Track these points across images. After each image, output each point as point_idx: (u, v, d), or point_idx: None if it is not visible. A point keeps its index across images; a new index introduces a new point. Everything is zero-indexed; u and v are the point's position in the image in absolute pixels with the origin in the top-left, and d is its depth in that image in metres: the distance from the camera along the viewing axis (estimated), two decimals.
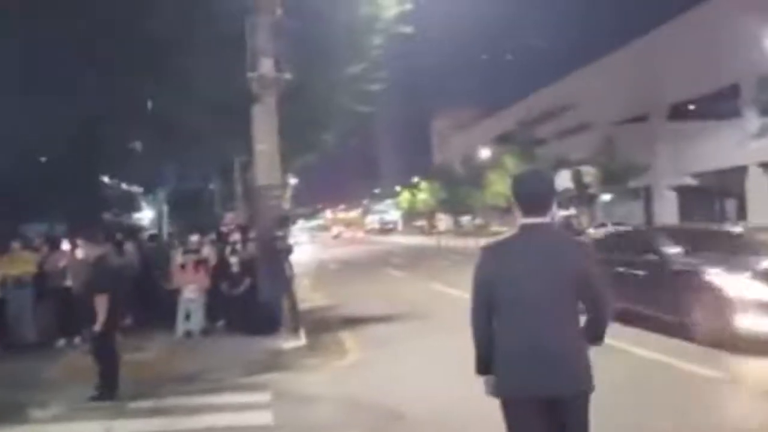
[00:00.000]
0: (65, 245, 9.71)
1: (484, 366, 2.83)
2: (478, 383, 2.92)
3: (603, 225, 33.93)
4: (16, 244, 9.03)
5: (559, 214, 41.91)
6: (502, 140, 56.88)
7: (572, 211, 44.21)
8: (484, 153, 56.15)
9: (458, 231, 58.15)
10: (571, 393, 2.69)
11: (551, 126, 52.74)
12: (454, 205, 64.19)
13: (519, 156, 49.30)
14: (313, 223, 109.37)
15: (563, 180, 44.33)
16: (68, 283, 9.13)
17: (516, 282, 2.71)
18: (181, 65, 12.08)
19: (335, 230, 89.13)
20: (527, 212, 2.80)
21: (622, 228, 21.94)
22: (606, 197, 45.02)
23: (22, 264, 8.91)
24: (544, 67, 62.42)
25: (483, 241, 3.28)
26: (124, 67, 12.94)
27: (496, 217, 57.40)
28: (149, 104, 15.90)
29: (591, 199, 44.81)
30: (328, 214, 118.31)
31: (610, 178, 39.83)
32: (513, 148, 51.55)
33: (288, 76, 10.09)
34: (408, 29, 13.99)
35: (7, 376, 7.47)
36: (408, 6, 13.61)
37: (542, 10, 77.09)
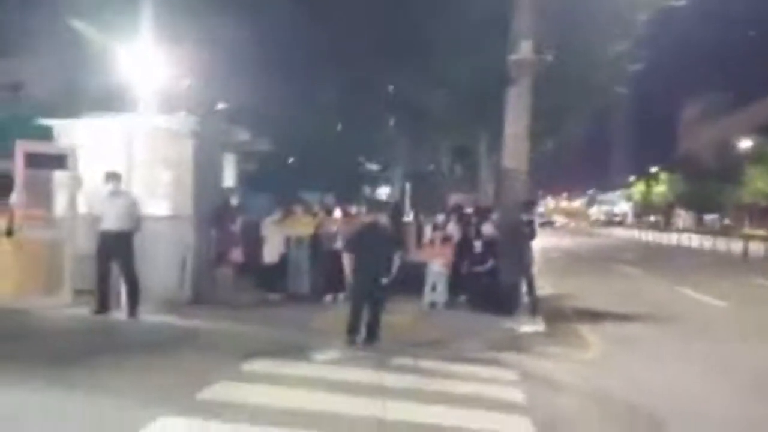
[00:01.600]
0: (337, 212, 10.99)
1: None
2: (740, 392, 2.72)
3: None
4: (298, 209, 10.48)
5: None
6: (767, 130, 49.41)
7: None
8: (744, 144, 49.14)
9: (700, 229, 52.16)
10: None
11: None
12: (697, 201, 57.70)
13: None
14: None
15: None
16: (338, 245, 10.35)
17: None
18: (438, 52, 12.69)
19: (557, 220, 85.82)
20: None
21: None
22: None
23: (303, 226, 10.33)
24: None
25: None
26: (386, 51, 13.99)
27: (749, 217, 50.32)
28: (397, 87, 17.02)
29: None
30: (550, 202, 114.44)
31: None
32: None
33: (549, 57, 9.98)
34: (680, 1, 12.79)
35: (287, 319, 8.75)
36: None
37: None
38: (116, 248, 8.34)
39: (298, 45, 14.25)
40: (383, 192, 26.55)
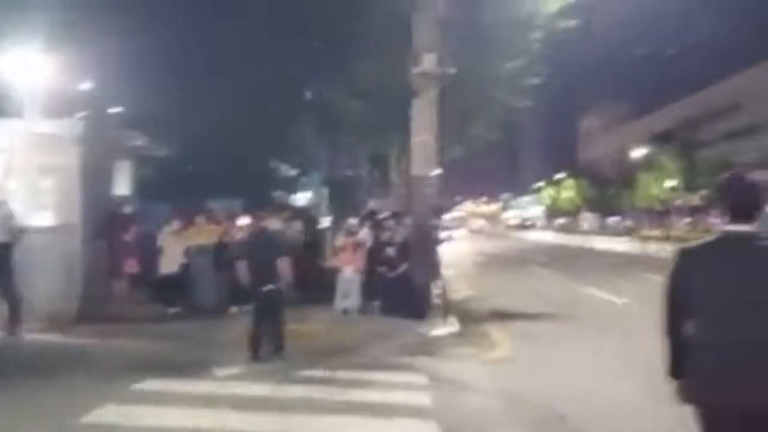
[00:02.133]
0: (244, 220, 10.53)
1: (675, 371, 2.74)
2: (641, 386, 2.77)
3: None
4: (200, 219, 9.96)
5: None
6: (659, 140, 53.09)
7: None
8: (638, 152, 52.59)
9: (604, 231, 55.14)
10: None
11: (715, 127, 48.42)
12: (601, 205, 61.06)
13: (678, 157, 45.78)
14: (454, 214, 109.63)
15: None
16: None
17: (717, 291, 2.59)
18: (347, 59, 12.64)
19: (474, 223, 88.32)
20: (735, 218, 2.66)
21: None
22: None
23: (206, 235, 9.82)
24: (706, 65, 56.74)
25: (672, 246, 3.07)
26: (294, 60, 13.78)
27: (648, 220, 53.74)
28: (312, 94, 16.84)
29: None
30: (468, 206, 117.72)
31: None
32: (671, 149, 47.98)
33: (452, 71, 10.15)
34: (571, 23, 13.55)
35: (187, 334, 8.26)
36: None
37: (707, 3, 69.98)
38: None
39: (205, 46, 13.74)
40: (302, 197, 26.18)
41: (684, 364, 2.66)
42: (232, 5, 13.35)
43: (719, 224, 2.76)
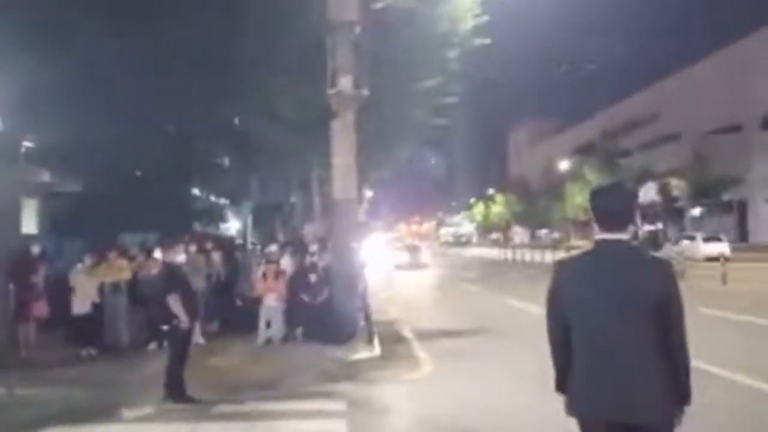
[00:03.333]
0: (158, 254, 10.29)
1: (561, 384, 2.78)
2: (554, 400, 2.88)
3: (692, 238, 32.11)
4: (112, 254, 9.65)
5: (644, 228, 40.19)
6: (583, 151, 55.44)
7: (658, 225, 42.29)
8: (563, 165, 54.69)
9: (535, 244, 56.81)
10: (650, 421, 2.55)
11: (635, 137, 50.87)
12: (530, 218, 62.93)
13: (600, 167, 47.80)
14: (389, 235, 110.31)
15: (649, 193, 42.53)
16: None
17: (589, 300, 2.60)
18: (263, 85, 12.63)
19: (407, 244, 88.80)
20: (605, 227, 2.68)
21: None
22: (695, 211, 42.77)
23: (118, 271, 9.52)
24: (626, 76, 60.24)
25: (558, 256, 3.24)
26: (210, 87, 13.66)
27: (574, 230, 55.79)
28: (232, 122, 16.71)
29: (679, 213, 42.71)
30: (402, 227, 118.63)
31: (700, 191, 37.88)
32: (594, 160, 50.06)
33: (366, 92, 10.30)
34: (485, 41, 13.95)
35: (100, 376, 7.98)
36: (485, 18, 13.58)
37: (625, 18, 74.33)
38: None
39: (113, 75, 13.41)
40: (232, 227, 25.83)
41: (567, 377, 2.70)
42: (139, 32, 13.11)
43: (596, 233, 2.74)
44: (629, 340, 2.53)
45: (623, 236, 2.67)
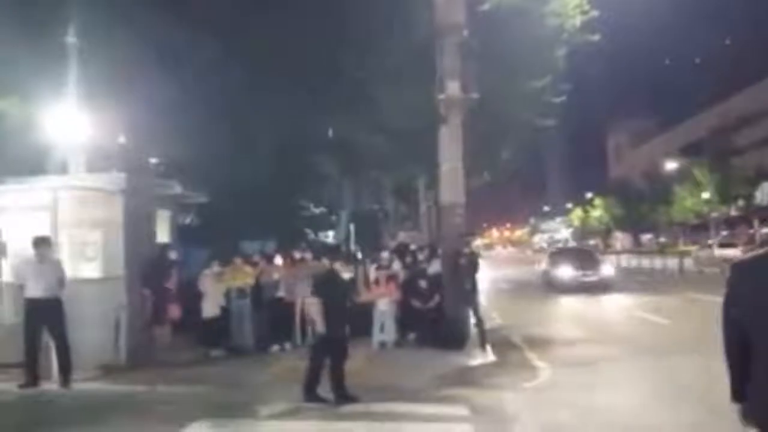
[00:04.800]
0: (278, 260, 10.78)
1: (737, 394, 2.59)
2: (681, 413, 2.76)
3: None
4: (237, 259, 10.24)
5: (762, 231, 37.36)
6: (690, 151, 52.33)
7: None
8: (670, 165, 51.74)
9: (638, 250, 54.15)
10: None
11: (748, 134, 47.50)
12: (633, 223, 60.04)
13: (711, 168, 44.95)
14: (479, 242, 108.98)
15: (766, 194, 39.56)
16: (281, 293, 10.16)
17: (761, 309, 2.36)
18: (371, 96, 12.92)
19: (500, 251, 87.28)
20: None
21: None
22: None
23: (243, 276, 10.07)
24: (736, 70, 56.18)
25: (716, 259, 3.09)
26: (320, 100, 14.15)
27: (683, 234, 52.60)
28: (334, 132, 17.20)
29: None
30: (494, 233, 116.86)
31: None
32: (703, 159, 47.14)
33: (475, 96, 10.29)
34: (594, 37, 13.57)
35: (230, 376, 8.45)
36: (594, 13, 13.23)
37: (732, 9, 69.44)
38: (46, 316, 7.93)
39: (232, 95, 14.20)
40: (329, 235, 26.50)
41: (745, 387, 2.51)
42: (253, 50, 13.78)
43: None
44: None
45: None
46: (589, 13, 13.05)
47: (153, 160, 14.63)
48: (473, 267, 10.70)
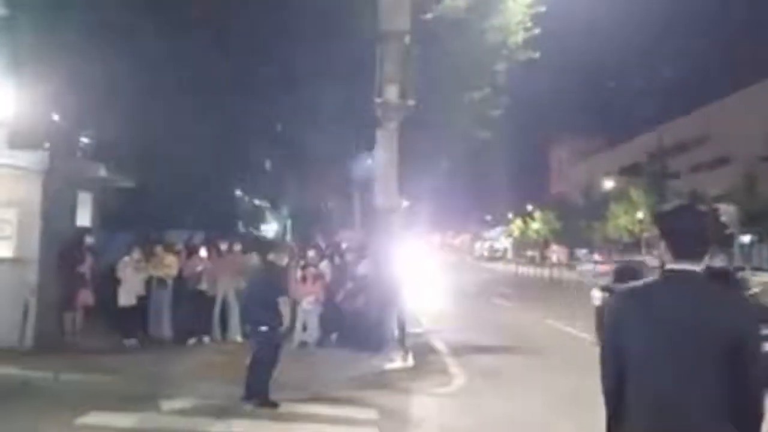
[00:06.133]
0: (203, 252, 10.56)
1: (610, 420, 2.35)
2: (582, 420, 2.88)
3: (741, 269, 30.93)
4: (158, 248, 9.98)
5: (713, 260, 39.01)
6: (629, 172, 54.33)
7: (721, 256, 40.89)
8: (608, 184, 53.64)
9: (573, 264, 55.88)
10: None
11: (684, 159, 49.69)
12: (569, 237, 61.89)
13: (647, 189, 46.77)
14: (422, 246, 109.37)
15: None
16: (203, 286, 9.98)
17: (651, 339, 2.20)
18: (313, 92, 12.87)
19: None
20: (679, 256, 2.25)
21: None
22: (745, 239, 41.29)
23: (165, 267, 9.84)
24: (675, 97, 58.78)
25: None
26: (262, 92, 13.97)
27: (615, 251, 54.52)
28: (279, 127, 17.01)
29: (728, 241, 41.34)
30: (436, 238, 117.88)
31: (751, 218, 36.52)
32: (640, 181, 49.02)
33: (412, 102, 10.39)
34: (534, 55, 13.94)
35: (141, 367, 8.23)
36: (536, 31, 13.58)
37: (674, 38, 72.76)
38: None
39: (171, 76, 13.80)
40: (270, 229, 26.18)
41: (621, 428, 2.28)
42: (198, 37, 13.45)
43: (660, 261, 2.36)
44: (696, 395, 2.13)
45: (697, 267, 2.25)
46: (531, 30, 13.39)
47: (84, 140, 14.07)
48: (403, 271, 10.80)
